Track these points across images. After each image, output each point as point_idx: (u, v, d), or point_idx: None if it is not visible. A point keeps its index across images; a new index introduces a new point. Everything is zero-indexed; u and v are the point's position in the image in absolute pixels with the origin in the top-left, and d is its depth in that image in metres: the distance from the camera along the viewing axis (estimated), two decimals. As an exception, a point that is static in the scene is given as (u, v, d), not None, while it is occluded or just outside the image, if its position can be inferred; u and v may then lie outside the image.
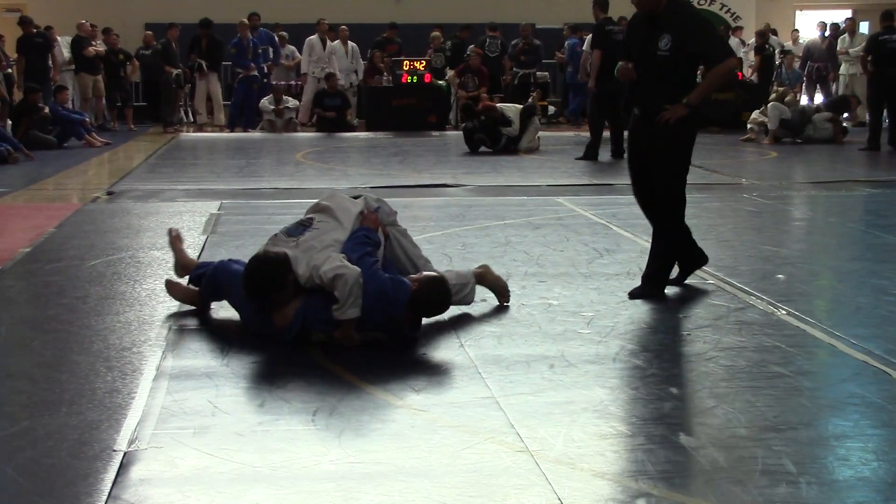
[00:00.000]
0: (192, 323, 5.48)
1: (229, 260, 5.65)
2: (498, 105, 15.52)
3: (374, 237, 5.23)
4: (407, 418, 4.08)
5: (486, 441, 3.85)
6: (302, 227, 5.29)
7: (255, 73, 18.67)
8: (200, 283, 5.61)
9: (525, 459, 3.66)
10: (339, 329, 4.97)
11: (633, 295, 6.02)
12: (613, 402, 4.25)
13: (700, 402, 4.25)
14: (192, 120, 19.58)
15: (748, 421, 4.04)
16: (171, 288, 5.79)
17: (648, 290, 6.07)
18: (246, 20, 18.55)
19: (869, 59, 15.25)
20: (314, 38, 19.56)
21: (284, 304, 5.05)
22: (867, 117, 16.56)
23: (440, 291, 5.16)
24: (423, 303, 5.08)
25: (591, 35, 15.62)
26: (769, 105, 16.76)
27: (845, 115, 17.05)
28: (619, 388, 4.44)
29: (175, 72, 18.23)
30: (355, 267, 4.92)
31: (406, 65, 18.57)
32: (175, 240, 6.01)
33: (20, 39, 17.55)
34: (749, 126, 16.75)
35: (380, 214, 5.46)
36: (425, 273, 5.32)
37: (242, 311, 5.32)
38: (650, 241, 6.39)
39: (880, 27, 15.49)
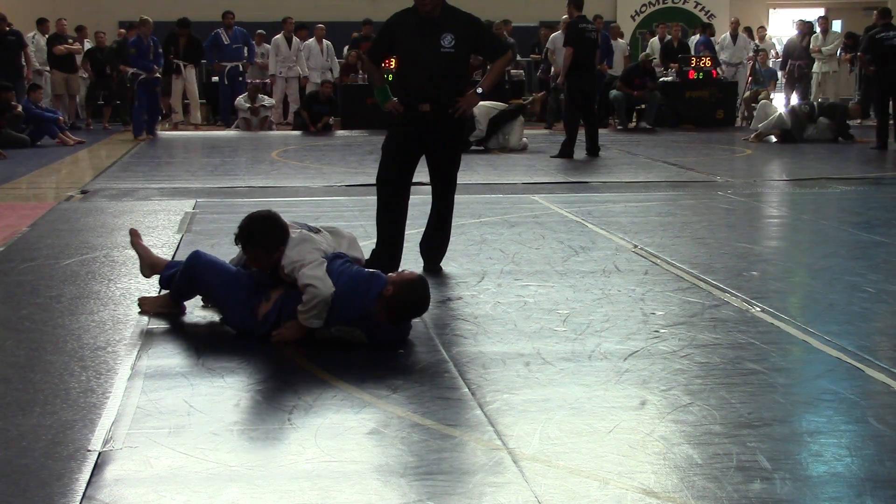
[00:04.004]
0: (167, 322, 5.45)
1: (198, 251, 5.52)
2: None
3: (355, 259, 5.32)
4: (383, 416, 4.07)
5: (463, 439, 3.85)
6: (309, 229, 5.36)
7: (158, 75, 17.09)
8: (170, 284, 5.57)
9: (501, 457, 3.67)
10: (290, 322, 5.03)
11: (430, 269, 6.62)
12: (589, 400, 4.26)
13: (675, 398, 4.27)
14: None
15: (723, 417, 4.06)
16: (144, 304, 5.66)
17: (434, 264, 6.72)
18: (148, 18, 17.05)
19: (868, 58, 15.25)
20: (279, 37, 19.54)
21: (255, 264, 5.15)
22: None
23: (418, 291, 5.07)
24: (399, 302, 4.99)
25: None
26: (761, 104, 16.77)
27: (849, 121, 16.76)
28: (595, 385, 4.45)
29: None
30: (331, 286, 4.93)
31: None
32: (137, 241, 5.89)
33: None
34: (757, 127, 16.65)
35: None
36: (405, 272, 5.30)
37: (224, 301, 5.29)
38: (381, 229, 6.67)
39: (878, 24, 15.43)
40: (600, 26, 17.76)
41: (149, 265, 5.79)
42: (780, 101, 18.67)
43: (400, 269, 5.44)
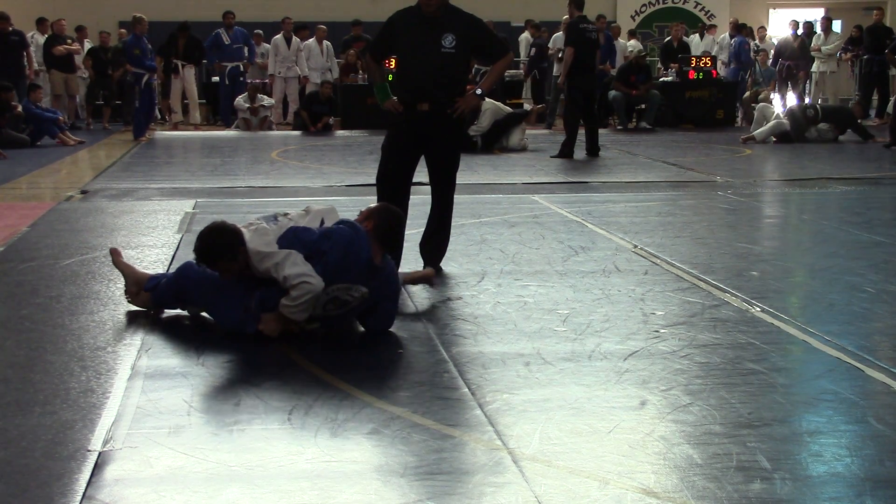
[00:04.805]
0: (167, 322, 5.46)
1: (191, 262, 5.48)
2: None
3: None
4: (383, 416, 4.07)
5: (463, 439, 3.85)
6: (274, 219, 5.37)
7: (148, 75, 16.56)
8: (155, 291, 5.54)
9: (501, 457, 3.67)
10: (270, 315, 5.06)
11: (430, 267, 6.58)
12: (589, 400, 4.26)
13: (675, 398, 4.27)
14: (160, 118, 19.28)
15: (723, 417, 4.06)
16: (134, 297, 5.66)
17: (434, 264, 6.66)
18: (143, 16, 16.76)
19: None
20: (279, 37, 19.54)
21: (231, 274, 5.14)
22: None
23: (389, 213, 5.37)
24: (382, 231, 5.24)
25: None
26: (760, 107, 16.73)
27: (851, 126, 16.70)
28: (595, 385, 4.45)
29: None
30: (320, 281, 4.97)
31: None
32: (119, 260, 5.81)
33: None
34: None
35: None
36: (366, 208, 5.47)
37: (218, 306, 5.28)
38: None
39: None
40: (603, 26, 17.82)
41: (134, 282, 5.68)
42: (777, 102, 18.67)
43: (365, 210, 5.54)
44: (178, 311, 5.57)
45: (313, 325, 5.13)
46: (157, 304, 5.55)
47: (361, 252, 5.11)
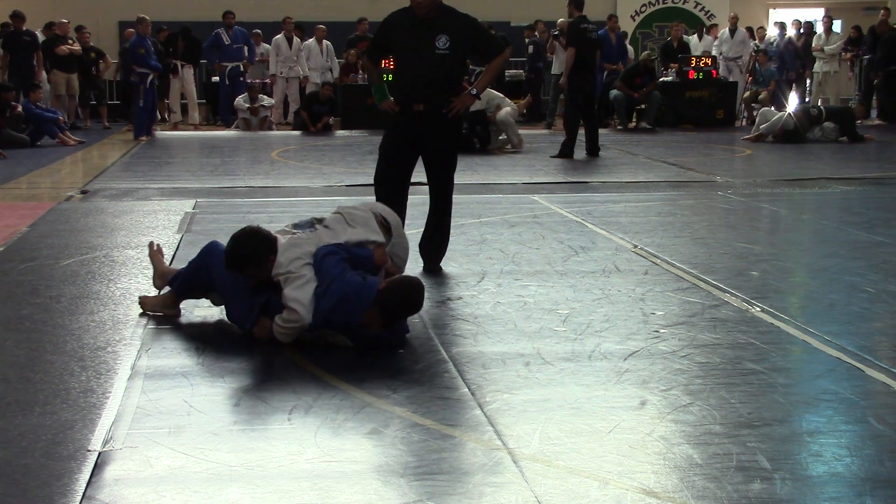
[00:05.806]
0: (167, 322, 5.45)
1: (217, 241, 5.51)
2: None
3: (353, 253, 5.24)
4: (383, 416, 4.07)
5: (463, 439, 3.85)
6: (310, 226, 5.37)
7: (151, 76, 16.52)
8: (177, 280, 5.57)
9: (501, 457, 3.67)
10: (267, 320, 5.07)
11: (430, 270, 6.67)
12: (589, 400, 4.27)
13: (675, 398, 4.27)
14: (160, 118, 19.26)
15: (723, 417, 4.06)
16: (145, 302, 5.63)
17: (434, 264, 6.73)
18: (146, 17, 16.70)
19: None
20: (280, 37, 19.53)
21: (258, 280, 5.12)
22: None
23: (411, 291, 5.02)
24: (390, 301, 4.93)
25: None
26: (761, 111, 16.71)
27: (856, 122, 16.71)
28: (595, 385, 4.45)
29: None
30: (308, 317, 4.92)
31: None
32: (155, 253, 5.86)
33: (7, 35, 17.34)
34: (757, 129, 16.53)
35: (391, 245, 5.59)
36: (400, 275, 5.32)
37: (229, 294, 5.28)
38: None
39: None
40: (614, 26, 17.86)
41: (161, 275, 5.76)
42: (777, 102, 18.67)
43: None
44: (180, 313, 5.57)
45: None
46: (179, 292, 5.53)
47: (352, 314, 4.93)
